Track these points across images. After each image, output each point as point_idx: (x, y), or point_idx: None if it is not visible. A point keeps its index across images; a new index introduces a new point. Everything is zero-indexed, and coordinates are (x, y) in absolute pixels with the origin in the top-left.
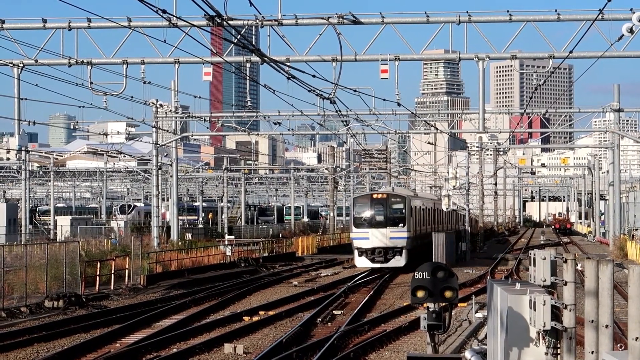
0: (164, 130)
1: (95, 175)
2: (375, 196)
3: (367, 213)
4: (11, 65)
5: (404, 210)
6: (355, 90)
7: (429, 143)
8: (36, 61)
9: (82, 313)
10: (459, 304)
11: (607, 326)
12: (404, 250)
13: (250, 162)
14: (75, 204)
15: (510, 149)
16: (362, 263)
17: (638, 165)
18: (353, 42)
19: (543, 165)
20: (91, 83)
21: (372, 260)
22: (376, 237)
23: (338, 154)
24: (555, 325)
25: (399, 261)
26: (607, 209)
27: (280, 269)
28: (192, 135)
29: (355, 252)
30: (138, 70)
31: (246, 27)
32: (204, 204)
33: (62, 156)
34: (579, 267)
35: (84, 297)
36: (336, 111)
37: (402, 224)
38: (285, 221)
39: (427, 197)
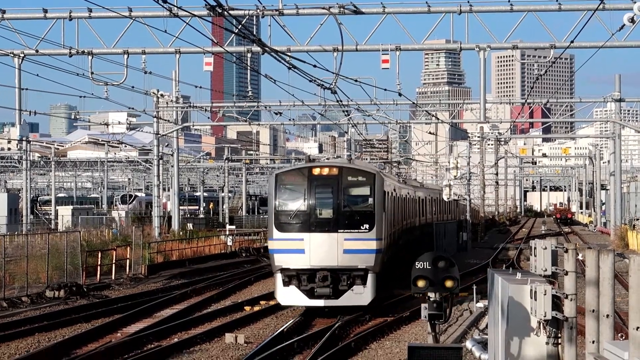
0: (165, 120)
1: (97, 165)
2: (316, 171)
3: (299, 204)
4: (12, 55)
5: (370, 200)
6: (356, 80)
7: (430, 133)
8: (37, 51)
9: (83, 303)
10: (459, 294)
11: (608, 316)
12: (369, 275)
13: (252, 152)
14: (77, 194)
15: (512, 139)
16: (291, 298)
17: (639, 155)
18: (354, 32)
19: (544, 155)
20: (92, 73)
21: (310, 294)
22: (318, 250)
23: (339, 144)
24: (556, 314)
25: (360, 295)
26: (608, 198)
27: None
28: (193, 125)
29: (278, 276)
30: (139, 60)
31: (247, 17)
32: (205, 194)
33: (63, 146)
34: (579, 257)
35: (85, 287)
36: (337, 101)
37: (367, 225)
38: None
39: (415, 184)
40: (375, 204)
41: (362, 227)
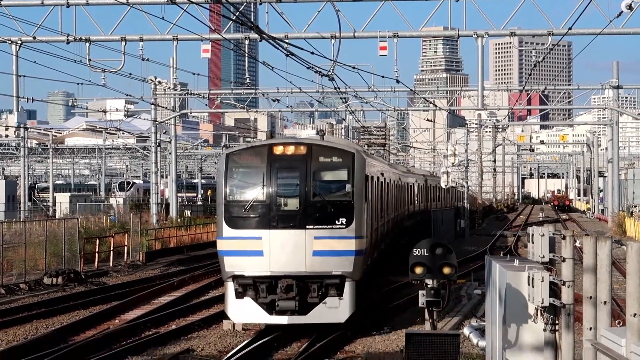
0: (163, 107)
1: (94, 152)
2: (278, 150)
3: (256, 192)
4: (9, 42)
5: (348, 186)
6: (354, 67)
7: (427, 120)
8: (34, 38)
9: (81, 290)
10: (457, 281)
11: (605, 302)
12: (347, 283)
13: (249, 139)
14: (74, 181)
15: (509, 125)
16: (246, 313)
17: (637, 142)
18: (352, 19)
19: (542, 142)
20: (90, 60)
21: (270, 308)
22: (280, 252)
23: (337, 131)
24: (554, 301)
25: (334, 310)
26: (605, 185)
27: None
28: (190, 113)
29: (230, 286)
30: (136, 47)
31: (245, 3)
32: (203, 181)
33: (60, 133)
34: (577, 244)
35: (83, 274)
36: (335, 88)
37: (344, 219)
38: None
39: (402, 170)
40: (355, 192)
41: (337, 222)
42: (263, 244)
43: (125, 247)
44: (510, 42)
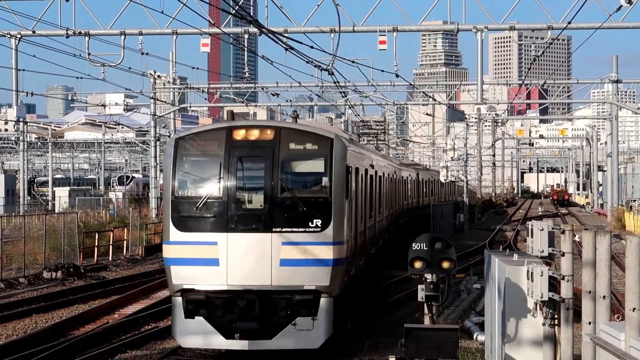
0: (162, 101)
1: (94, 146)
2: (240, 135)
3: (211, 187)
4: (9, 36)
5: (325, 179)
6: (353, 62)
7: (427, 114)
8: (34, 32)
9: (81, 284)
10: (457, 275)
11: (604, 297)
12: (323, 300)
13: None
14: (74, 175)
15: (509, 120)
16: (198, 336)
17: (636, 136)
18: (351, 13)
19: (541, 137)
20: (89, 54)
21: (228, 330)
22: (240, 261)
23: (336, 125)
24: (553, 296)
25: (306, 333)
26: (605, 180)
27: None
28: (190, 107)
29: (178, 303)
30: (136, 41)
31: None
32: None
33: (60, 127)
34: (576, 238)
35: (82, 268)
36: (334, 82)
37: (319, 220)
38: None
39: (393, 161)
40: (333, 187)
41: (311, 224)
42: (219, 250)
43: (125, 242)
44: (510, 37)
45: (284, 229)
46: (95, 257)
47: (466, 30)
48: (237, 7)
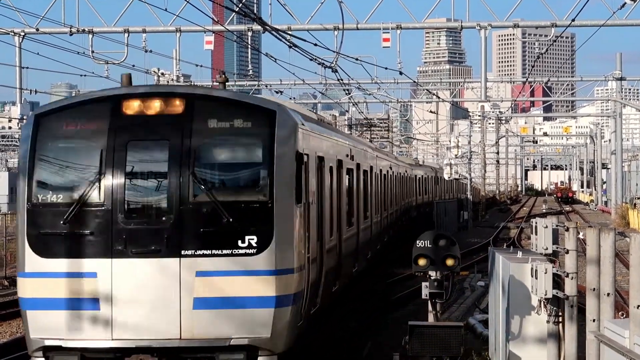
0: None
1: None
2: (132, 107)
3: (88, 187)
4: (13, 33)
5: (263, 175)
6: (357, 59)
7: (431, 112)
8: (37, 30)
9: None
10: (461, 273)
11: (608, 294)
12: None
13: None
14: None
15: (512, 117)
16: None
17: None
18: (355, 10)
19: (545, 134)
20: (93, 52)
21: None
22: (134, 303)
23: (340, 123)
24: (557, 293)
25: None
26: (609, 177)
27: None
28: None
29: None
30: (139, 39)
31: None
32: None
33: None
34: (580, 236)
35: None
36: (338, 80)
37: (254, 237)
38: None
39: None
40: (276, 185)
41: (241, 243)
42: (99, 286)
43: None
44: (514, 34)
45: (199, 252)
46: None
47: (470, 27)
48: (241, 4)
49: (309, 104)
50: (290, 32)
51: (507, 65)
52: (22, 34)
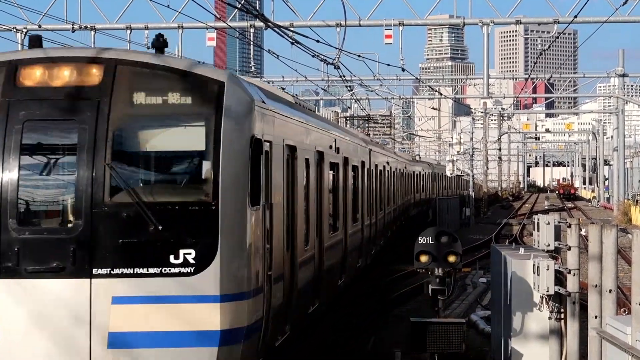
0: None
1: None
2: (34, 77)
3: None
4: (15, 30)
5: (205, 167)
6: (359, 56)
7: (433, 108)
8: (40, 26)
9: None
10: (463, 269)
11: (610, 291)
12: None
13: None
14: None
15: (515, 114)
16: None
17: None
18: (357, 7)
19: (547, 131)
20: None
21: None
22: (27, 339)
23: (342, 120)
24: (559, 290)
25: None
26: (611, 174)
27: None
28: None
29: None
30: (142, 35)
31: None
32: None
33: None
34: (582, 232)
35: None
36: (340, 76)
37: (189, 252)
38: None
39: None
40: (222, 180)
41: (174, 259)
42: None
43: None
44: (516, 30)
45: (116, 271)
46: None
47: (472, 24)
48: (243, 1)
49: (311, 100)
50: (292, 29)
51: (510, 62)
52: (25, 30)
